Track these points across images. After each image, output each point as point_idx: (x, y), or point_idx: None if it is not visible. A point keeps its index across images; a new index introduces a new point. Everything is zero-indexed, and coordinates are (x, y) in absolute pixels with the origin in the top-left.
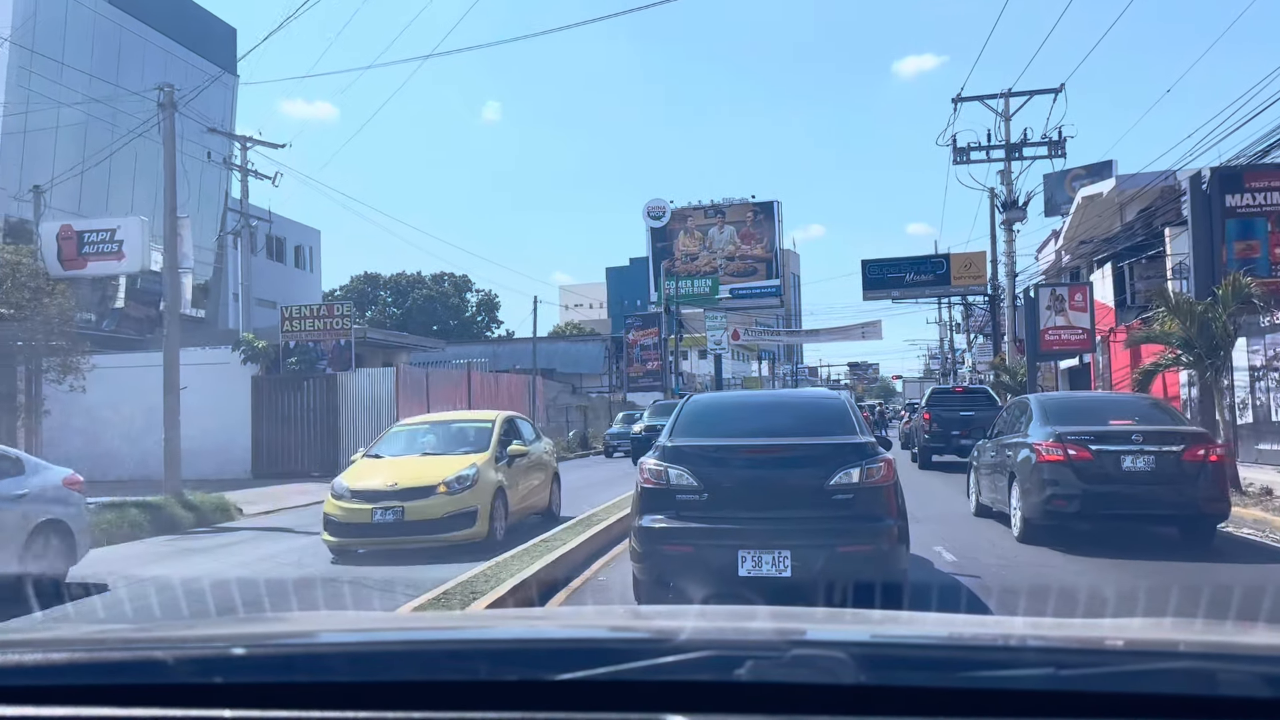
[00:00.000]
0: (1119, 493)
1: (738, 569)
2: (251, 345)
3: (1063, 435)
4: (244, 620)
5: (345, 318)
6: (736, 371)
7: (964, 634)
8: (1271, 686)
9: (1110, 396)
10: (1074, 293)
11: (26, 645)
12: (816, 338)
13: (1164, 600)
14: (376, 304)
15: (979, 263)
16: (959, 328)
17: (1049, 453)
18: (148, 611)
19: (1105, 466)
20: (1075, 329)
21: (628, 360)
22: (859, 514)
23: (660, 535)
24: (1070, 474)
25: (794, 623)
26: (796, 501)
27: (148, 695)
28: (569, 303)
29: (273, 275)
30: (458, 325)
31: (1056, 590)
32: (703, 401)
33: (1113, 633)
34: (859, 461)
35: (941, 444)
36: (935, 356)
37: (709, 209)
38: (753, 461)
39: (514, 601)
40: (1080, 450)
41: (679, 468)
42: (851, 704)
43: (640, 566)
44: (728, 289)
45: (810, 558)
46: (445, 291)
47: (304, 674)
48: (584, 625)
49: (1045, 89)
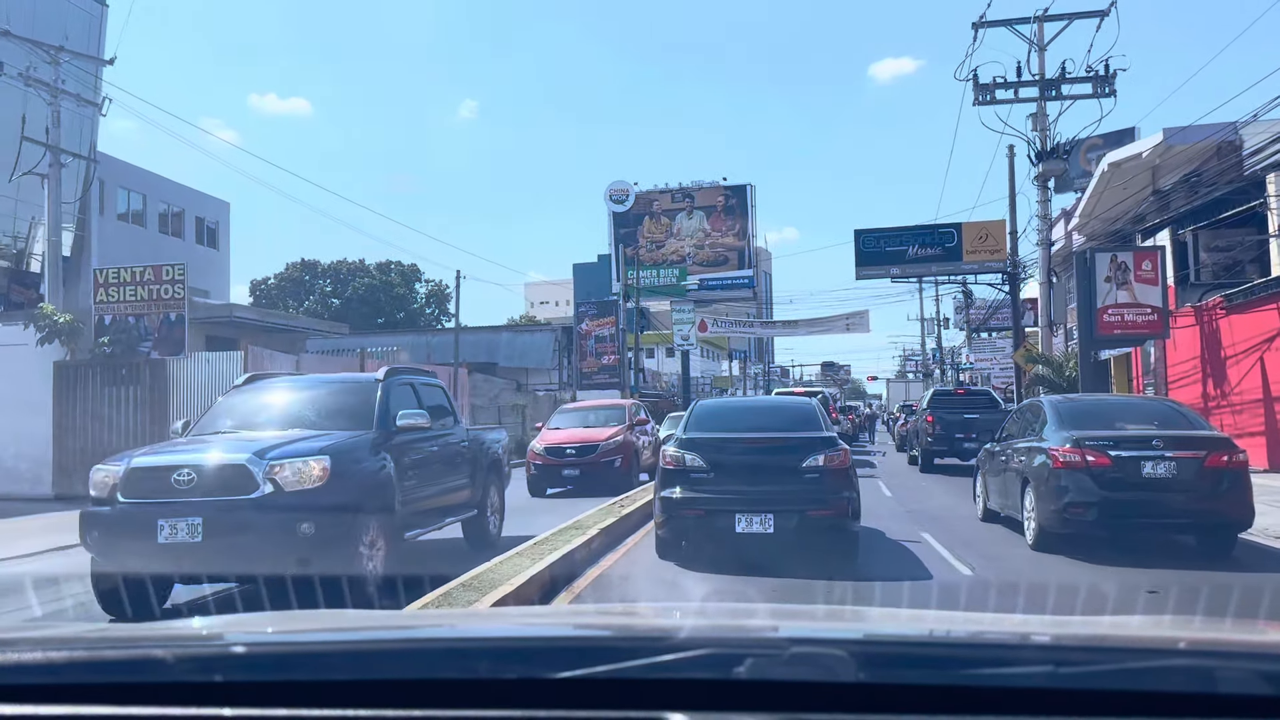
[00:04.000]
0: (1138, 500)
1: (735, 527)
2: (50, 320)
3: (1080, 440)
4: (244, 619)
5: (176, 283)
6: (706, 370)
7: (963, 631)
8: (1271, 684)
9: (1127, 400)
10: (1140, 259)
11: (26, 644)
12: (794, 330)
13: (1191, 609)
14: (314, 293)
15: (997, 234)
16: (946, 323)
17: (1066, 458)
18: None
19: (1124, 473)
20: (1143, 307)
21: (580, 354)
22: (823, 488)
23: (678, 503)
24: (1088, 480)
25: (793, 620)
26: (778, 479)
27: (148, 694)
28: (535, 299)
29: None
30: (405, 317)
31: (1084, 600)
32: (708, 405)
33: (1112, 630)
34: (824, 450)
35: (944, 447)
36: (911, 357)
37: (677, 193)
38: (746, 449)
39: None
40: (1099, 456)
41: (692, 453)
42: (851, 702)
43: (662, 527)
44: (696, 280)
45: (787, 519)
46: (390, 281)
47: (304, 672)
48: (584, 624)
49: (1088, 11)
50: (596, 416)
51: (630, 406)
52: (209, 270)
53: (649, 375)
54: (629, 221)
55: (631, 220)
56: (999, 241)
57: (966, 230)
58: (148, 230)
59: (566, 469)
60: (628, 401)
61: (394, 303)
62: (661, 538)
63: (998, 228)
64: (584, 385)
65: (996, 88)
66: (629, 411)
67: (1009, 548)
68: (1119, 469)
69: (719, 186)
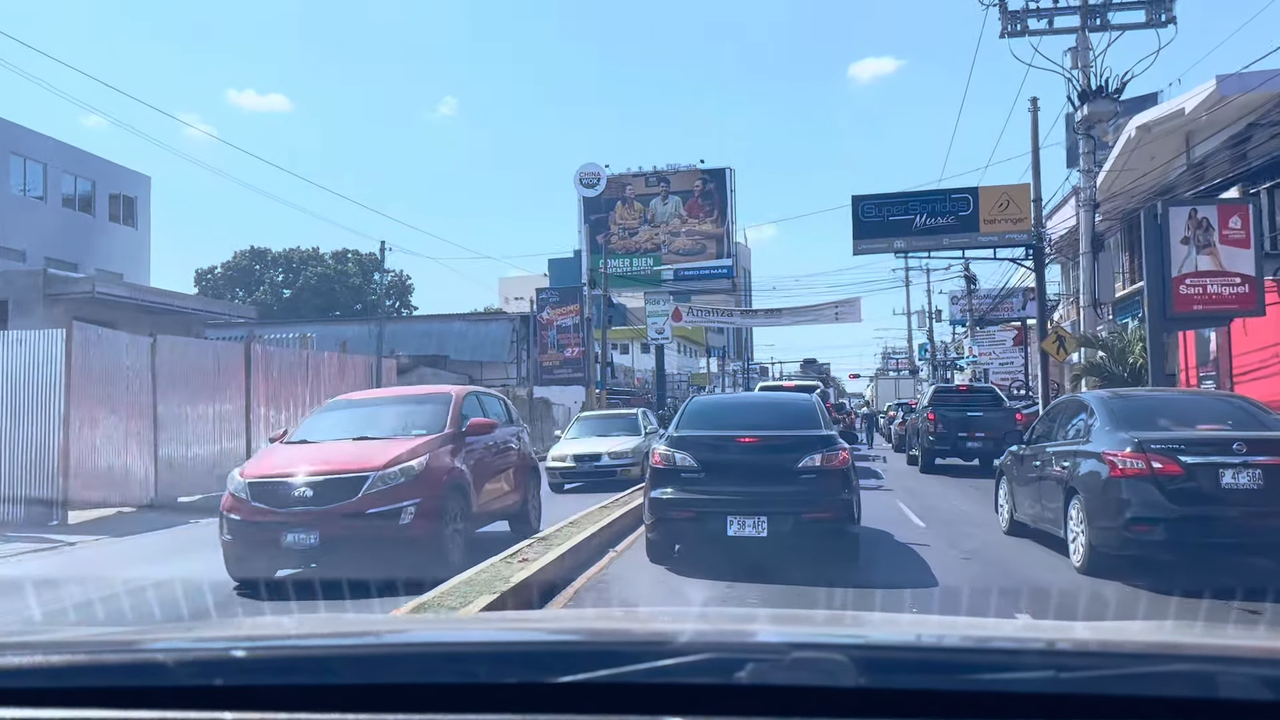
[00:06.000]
0: (1216, 516)
1: (726, 530)
2: None
3: (1144, 443)
4: (244, 623)
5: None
6: (683, 367)
7: (965, 636)
8: (1272, 689)
9: (1188, 395)
10: (1227, 215)
11: (26, 647)
12: (778, 319)
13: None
14: (264, 283)
15: (1021, 200)
16: (939, 314)
17: (1128, 465)
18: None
19: (1199, 483)
20: (1230, 276)
21: (540, 345)
22: (820, 489)
23: (667, 504)
24: (1155, 492)
25: (794, 625)
26: (773, 479)
27: (148, 698)
28: (510, 294)
29: (76, 230)
30: (363, 309)
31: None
32: (702, 402)
33: (1113, 635)
34: (821, 449)
35: (946, 446)
36: (892, 355)
37: (651, 176)
38: (739, 448)
39: None
40: (1167, 462)
41: (683, 452)
42: (852, 707)
43: (652, 530)
44: (672, 269)
45: (782, 522)
46: (347, 271)
47: (305, 676)
48: (584, 628)
49: None
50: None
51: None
52: (128, 253)
53: (621, 371)
54: (600, 207)
55: (603, 206)
56: (1023, 209)
57: (984, 196)
58: (48, 205)
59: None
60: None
61: (351, 294)
62: (652, 540)
63: (1021, 193)
64: (544, 380)
65: (1029, 15)
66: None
67: (1051, 573)
68: (1192, 478)
69: (696, 170)
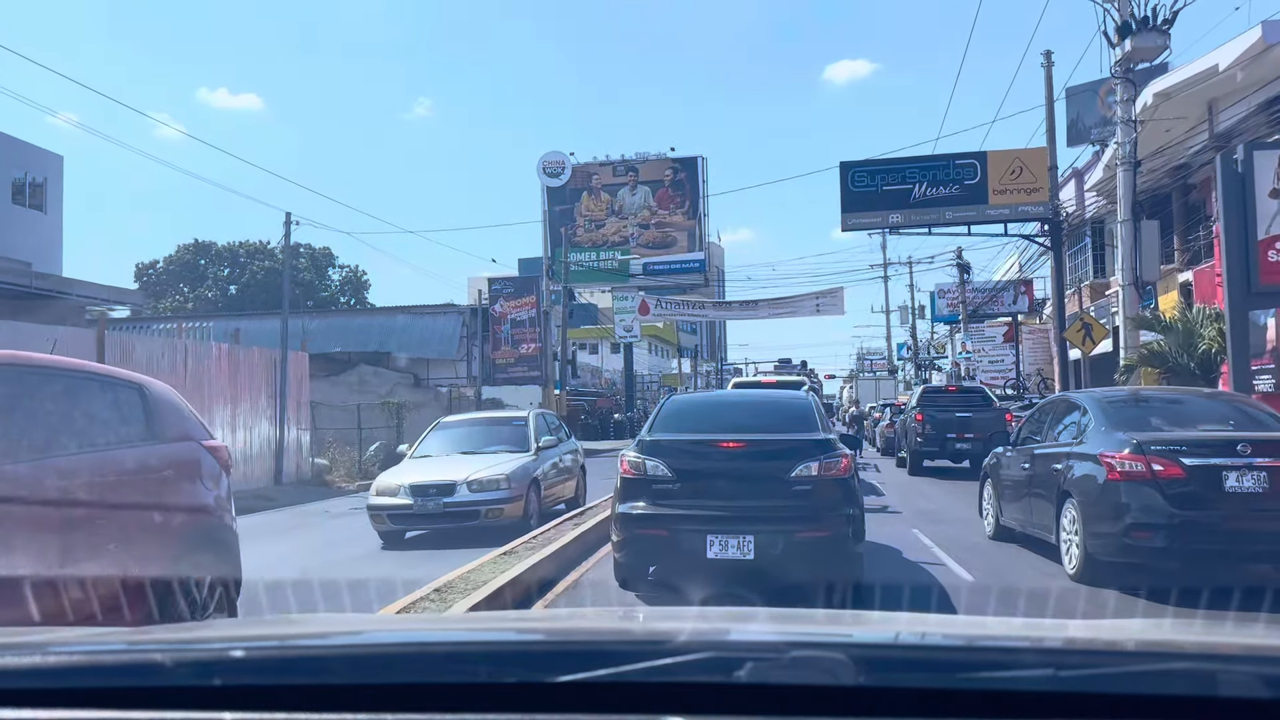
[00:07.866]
0: (1220, 521)
1: (706, 551)
2: None
3: (1144, 444)
4: (243, 622)
5: None
6: (654, 367)
7: (964, 635)
8: (1271, 687)
9: (1182, 395)
10: None
11: (24, 648)
12: (754, 312)
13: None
14: (209, 278)
15: (1036, 166)
16: (922, 311)
17: (1126, 467)
18: None
19: (1201, 486)
20: None
21: (493, 340)
22: (817, 503)
23: (637, 520)
24: (1156, 496)
25: (794, 624)
26: (761, 491)
27: (146, 697)
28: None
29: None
30: (315, 306)
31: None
32: (681, 401)
33: (1112, 633)
34: (819, 456)
35: (935, 448)
36: (867, 356)
37: (619, 165)
38: (722, 454)
39: None
40: (1168, 465)
41: (655, 459)
42: (851, 705)
43: (619, 550)
44: (641, 263)
45: (771, 542)
46: (298, 265)
47: (304, 676)
48: (584, 627)
49: None
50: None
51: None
52: (37, 240)
53: (587, 371)
54: (565, 198)
55: (569, 197)
56: (1038, 177)
57: (993, 162)
58: None
59: None
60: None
61: (302, 289)
62: (620, 562)
63: (1036, 158)
64: (497, 380)
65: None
66: None
67: (1043, 580)
68: (1194, 481)
69: (666, 159)
